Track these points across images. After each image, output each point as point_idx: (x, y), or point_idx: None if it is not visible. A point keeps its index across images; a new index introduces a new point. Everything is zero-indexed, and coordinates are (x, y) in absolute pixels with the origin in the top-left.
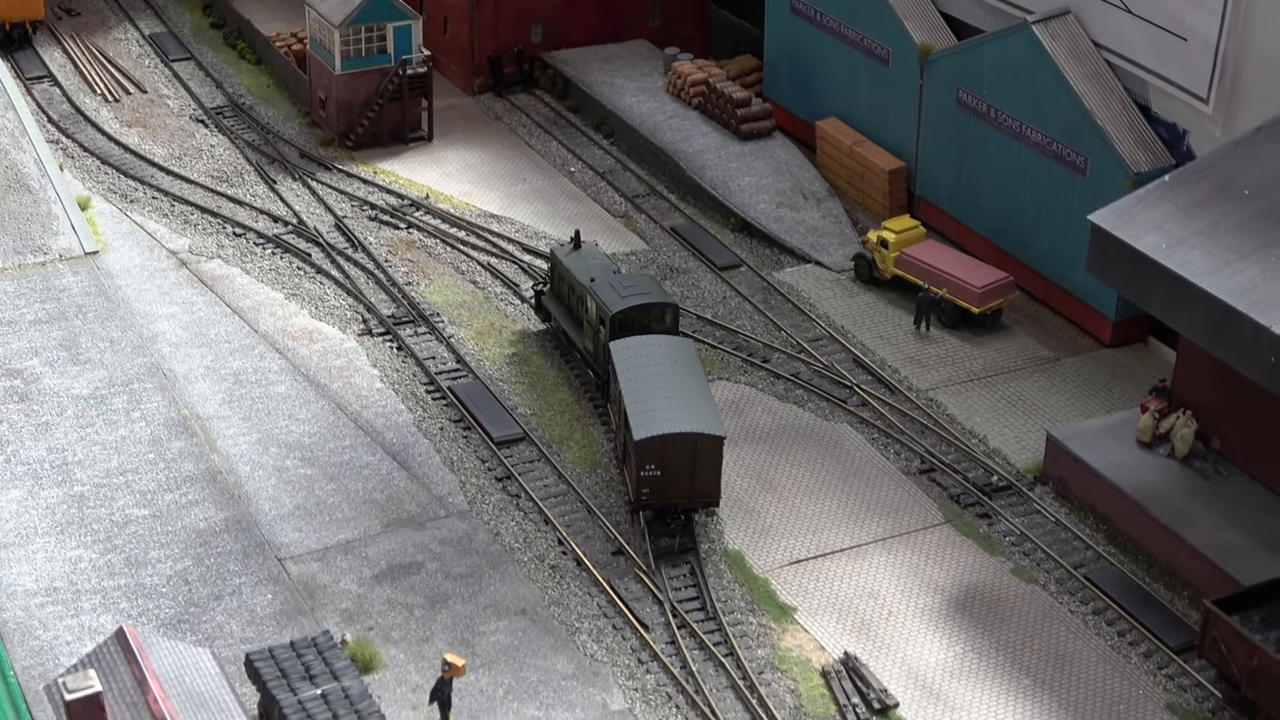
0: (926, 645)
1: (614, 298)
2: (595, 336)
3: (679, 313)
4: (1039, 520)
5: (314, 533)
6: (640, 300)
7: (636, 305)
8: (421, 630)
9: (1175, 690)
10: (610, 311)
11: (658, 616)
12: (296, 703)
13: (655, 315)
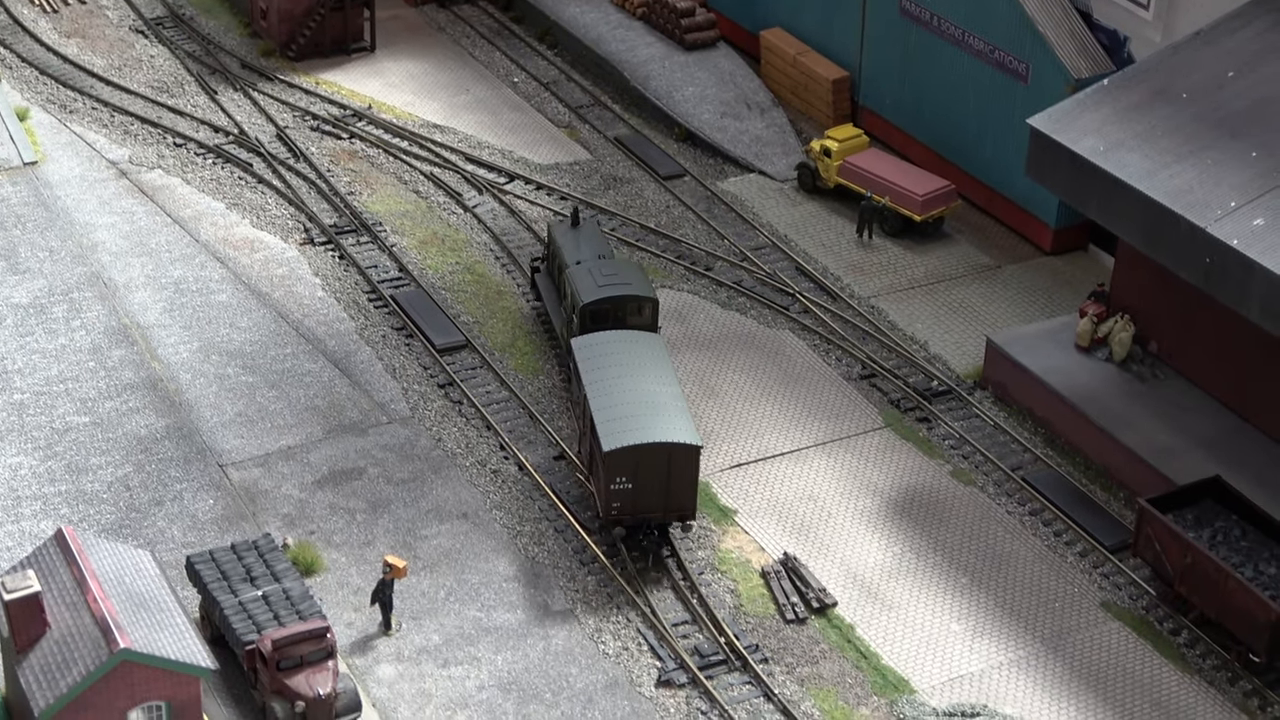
0: (865, 546)
1: (589, 286)
2: (568, 325)
3: (658, 308)
4: (978, 424)
5: (255, 439)
6: (616, 291)
7: (611, 297)
8: (363, 534)
9: (1110, 588)
10: (581, 301)
11: (598, 519)
12: (237, 604)
13: (631, 309)
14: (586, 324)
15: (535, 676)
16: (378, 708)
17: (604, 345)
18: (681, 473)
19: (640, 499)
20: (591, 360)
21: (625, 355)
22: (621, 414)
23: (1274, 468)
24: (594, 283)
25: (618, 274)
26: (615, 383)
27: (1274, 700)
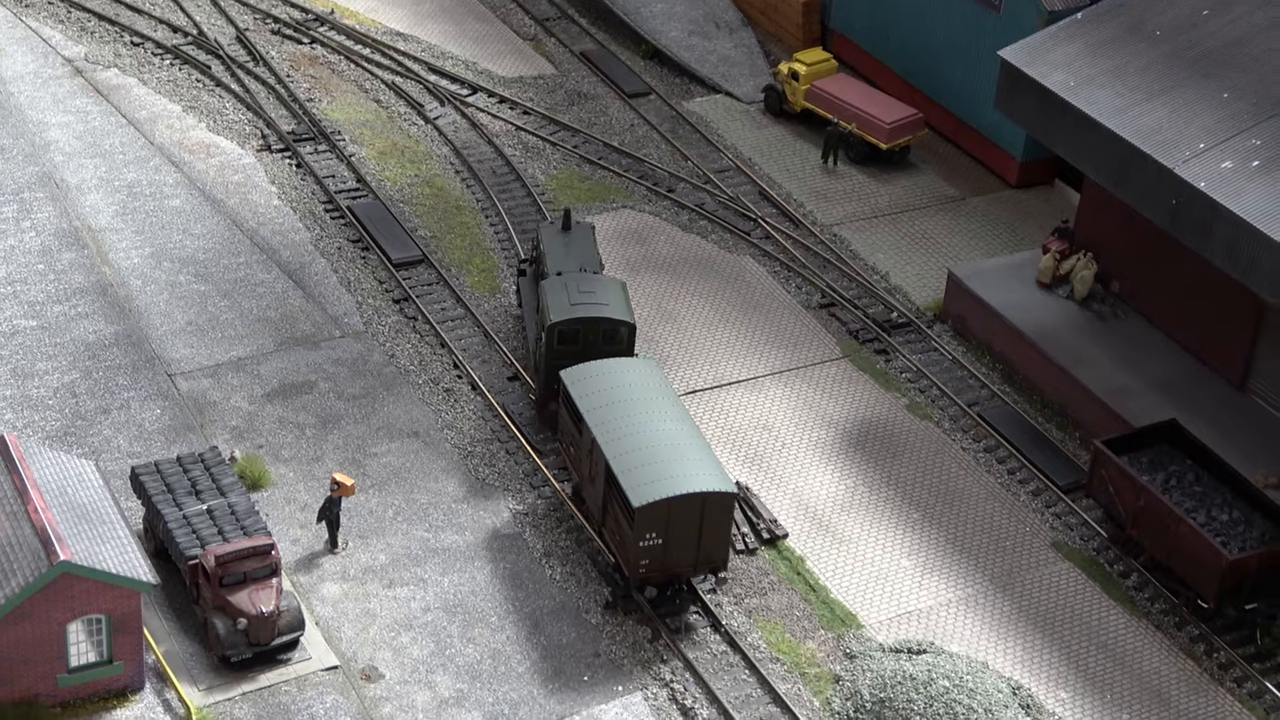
0: (818, 478)
1: (560, 303)
2: (537, 342)
3: (635, 333)
4: (936, 358)
5: (205, 349)
6: (589, 313)
7: (583, 318)
8: (312, 450)
9: (1062, 528)
10: (550, 319)
11: (550, 443)
12: (181, 517)
13: (605, 333)
14: (554, 345)
15: (482, 599)
16: (321, 627)
17: (600, 378)
18: (715, 523)
19: (670, 555)
20: (591, 396)
21: (627, 388)
22: (642, 461)
23: (1230, 413)
24: (566, 300)
25: (595, 292)
26: (625, 422)
27: (1220, 646)
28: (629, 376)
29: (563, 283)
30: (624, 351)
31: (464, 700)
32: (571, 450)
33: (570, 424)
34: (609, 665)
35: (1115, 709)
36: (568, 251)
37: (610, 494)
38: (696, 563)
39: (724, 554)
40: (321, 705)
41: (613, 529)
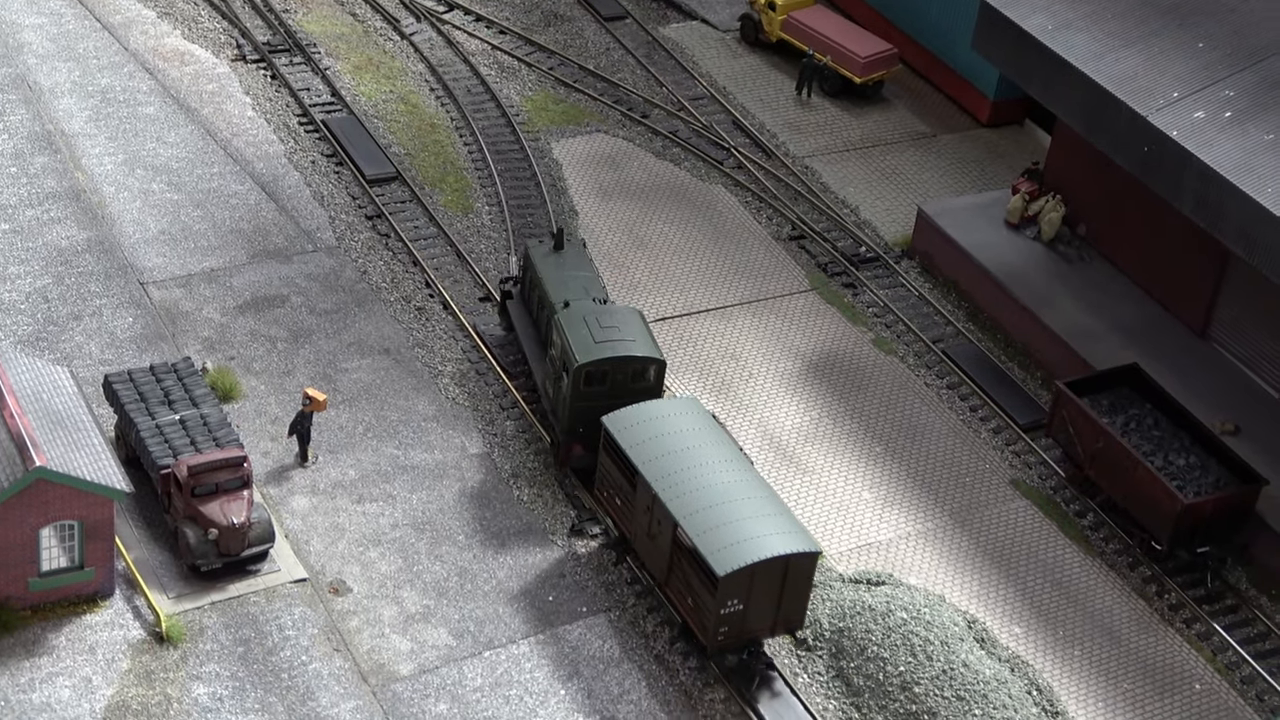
0: (784, 408)
1: (584, 341)
2: (556, 383)
3: (664, 370)
4: (903, 293)
5: (178, 259)
6: (618, 351)
7: (611, 358)
8: (283, 363)
9: (1021, 466)
10: (576, 362)
11: (521, 364)
12: (154, 426)
13: (635, 371)
14: (580, 386)
15: (449, 518)
16: (290, 539)
17: (648, 424)
18: (797, 583)
19: (750, 619)
20: (642, 446)
21: (679, 436)
22: (717, 521)
23: (1191, 359)
24: (590, 337)
25: (618, 327)
26: (687, 476)
27: (1172, 588)
28: (678, 422)
29: (580, 317)
30: (652, 389)
31: (430, 616)
32: (618, 501)
33: (616, 474)
34: (574, 586)
35: (1067, 645)
36: (567, 276)
37: (679, 555)
38: (775, 625)
39: (802, 614)
40: (289, 617)
41: (680, 590)
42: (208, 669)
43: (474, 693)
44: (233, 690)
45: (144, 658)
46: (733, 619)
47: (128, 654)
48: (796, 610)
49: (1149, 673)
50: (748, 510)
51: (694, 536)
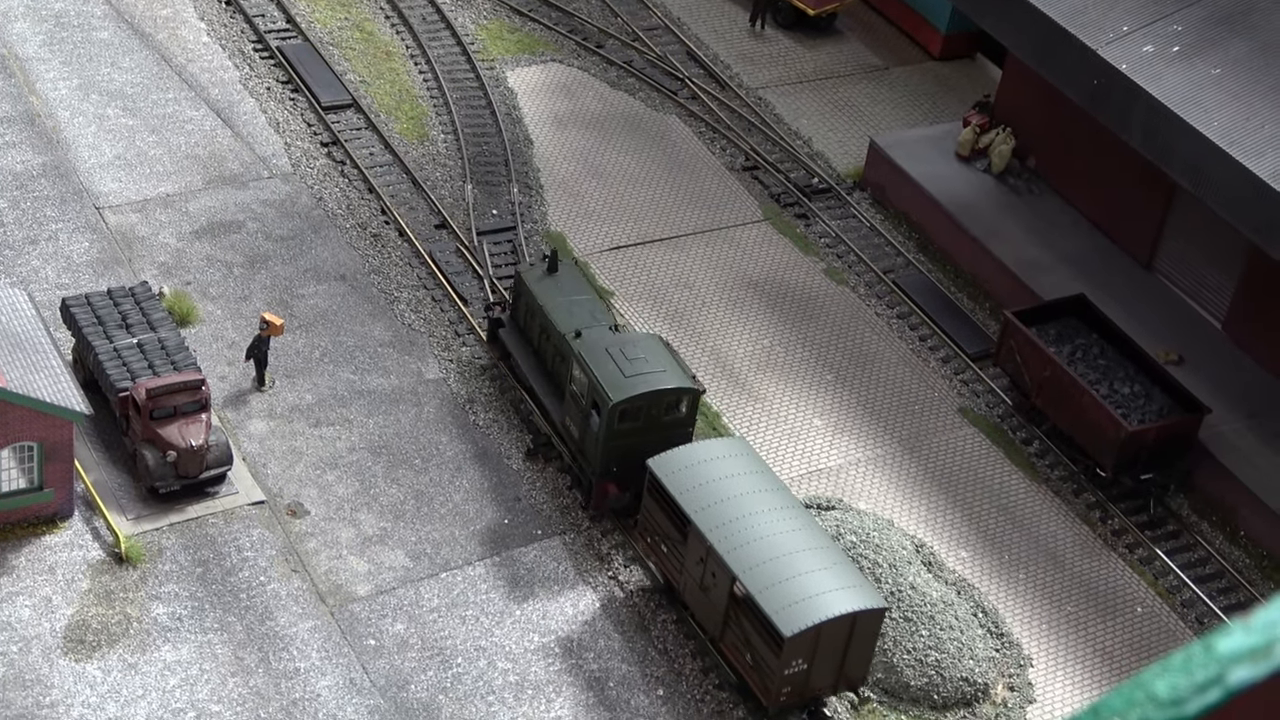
0: (736, 336)
1: (614, 376)
2: (584, 421)
3: (699, 399)
4: (855, 224)
5: (133, 184)
6: (653, 385)
7: (647, 394)
8: (240, 288)
9: (969, 395)
10: (611, 400)
11: (477, 291)
12: (112, 350)
13: (669, 404)
14: (614, 425)
15: (406, 442)
16: (248, 462)
17: (697, 468)
18: (863, 640)
19: (813, 678)
20: (693, 493)
21: (730, 481)
22: (779, 577)
23: (1137, 290)
24: (619, 372)
25: (645, 357)
26: (743, 526)
27: (1115, 514)
28: (728, 466)
29: (602, 350)
30: (685, 420)
31: (387, 538)
32: (664, 549)
33: (664, 520)
34: (529, 510)
35: (1012, 568)
36: (570, 302)
37: (738, 611)
38: (837, 682)
39: (866, 670)
40: (248, 538)
41: (736, 646)
42: (167, 589)
43: (430, 613)
44: (191, 610)
45: (103, 578)
46: (796, 679)
47: (87, 574)
48: (860, 666)
49: (1092, 596)
50: (810, 563)
51: (757, 594)
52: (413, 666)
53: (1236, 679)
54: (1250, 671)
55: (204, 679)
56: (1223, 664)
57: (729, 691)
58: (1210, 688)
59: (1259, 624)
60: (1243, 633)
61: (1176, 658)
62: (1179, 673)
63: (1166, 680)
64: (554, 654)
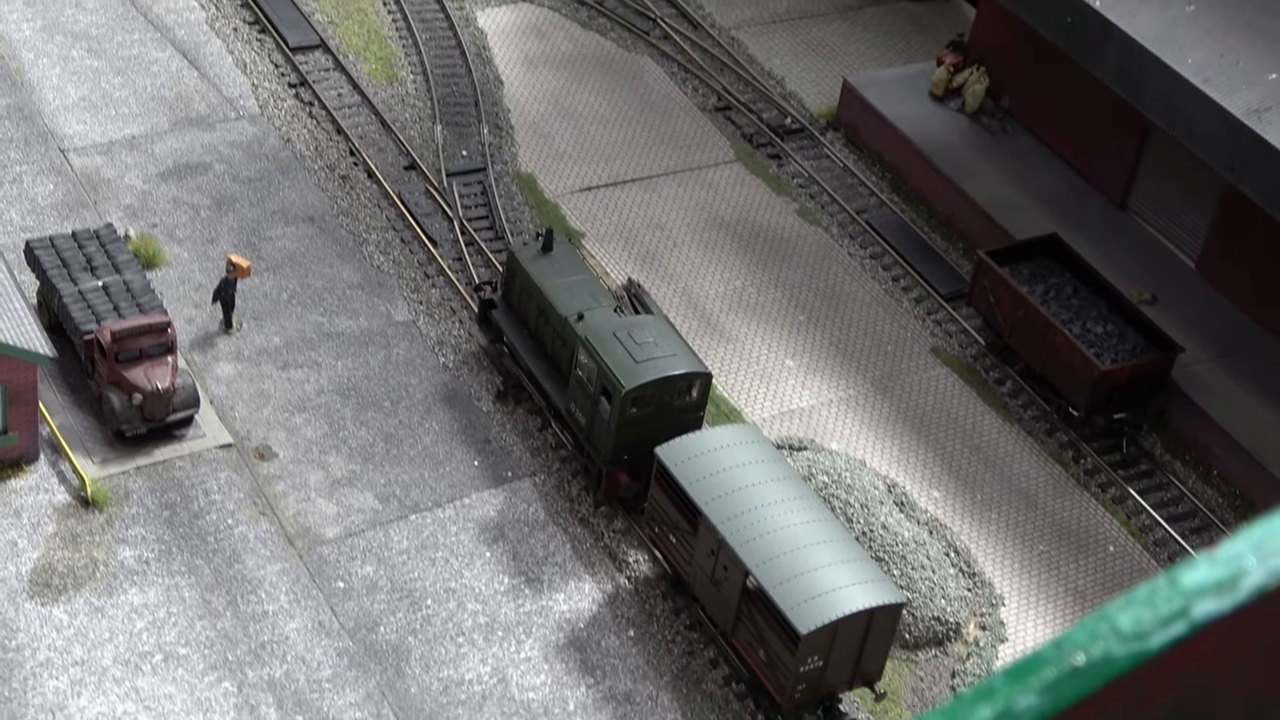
0: (708, 277)
1: (625, 362)
2: (592, 408)
3: (710, 383)
4: (828, 164)
5: (99, 126)
6: (664, 370)
7: (658, 380)
8: (206, 231)
9: (942, 335)
10: (623, 388)
11: (446, 233)
12: (77, 292)
13: (679, 389)
14: (627, 412)
15: (374, 384)
16: (215, 405)
17: (707, 457)
18: (879, 636)
19: (829, 675)
20: (703, 483)
21: (741, 470)
22: (794, 571)
23: (1110, 229)
24: (629, 357)
25: (655, 341)
26: (756, 518)
27: (1088, 453)
28: (738, 454)
29: (609, 334)
30: (697, 404)
31: (356, 481)
32: (673, 539)
33: (672, 511)
34: (499, 451)
35: (984, 508)
36: (569, 283)
37: (750, 606)
38: (853, 678)
39: (882, 665)
40: (215, 481)
41: (749, 642)
42: (133, 532)
43: (400, 555)
44: (159, 553)
45: (69, 521)
46: (811, 676)
47: (53, 518)
48: (876, 661)
49: (1064, 535)
50: (825, 557)
51: (770, 589)
52: (382, 609)
53: (1201, 612)
54: (1215, 605)
55: (171, 622)
56: (1188, 597)
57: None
58: (1175, 621)
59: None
60: (1208, 566)
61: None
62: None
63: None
64: (524, 595)
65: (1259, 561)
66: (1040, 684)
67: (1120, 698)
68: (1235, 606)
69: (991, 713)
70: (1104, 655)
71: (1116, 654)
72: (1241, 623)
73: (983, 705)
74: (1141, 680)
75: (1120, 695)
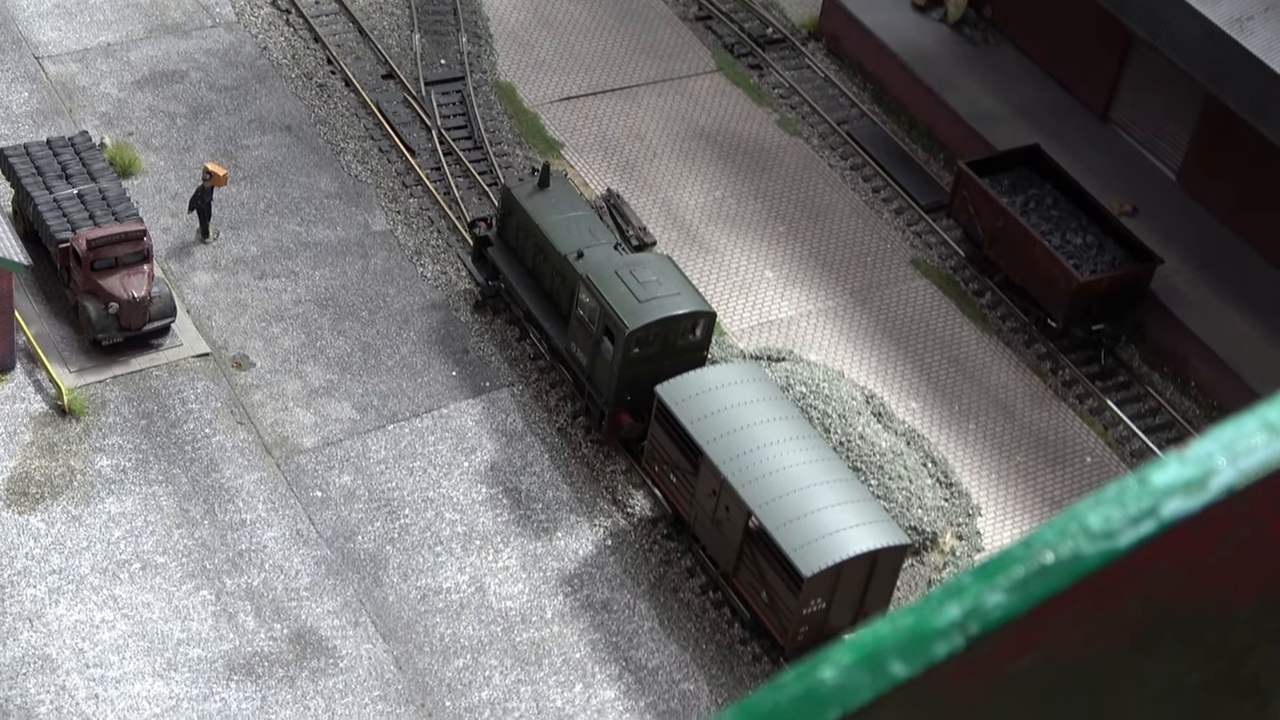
0: (688, 188)
1: (628, 302)
2: (594, 348)
3: (714, 322)
4: (809, 75)
5: (74, 33)
6: (669, 310)
7: (663, 319)
8: (183, 139)
9: (921, 247)
10: (627, 328)
11: (424, 142)
12: (51, 200)
13: (683, 329)
14: (630, 352)
15: (352, 294)
16: (192, 315)
17: (708, 395)
18: (883, 578)
19: (832, 617)
20: (704, 422)
21: (743, 409)
22: (797, 512)
23: (1090, 141)
24: (633, 297)
25: (658, 280)
26: (758, 457)
27: (1066, 364)
28: (740, 393)
29: (611, 273)
30: (701, 343)
31: (333, 390)
32: (673, 479)
33: (673, 450)
34: (477, 362)
35: (962, 419)
36: (567, 220)
37: (753, 547)
38: (856, 619)
39: (886, 608)
40: (192, 390)
41: (751, 583)
42: (110, 441)
43: (378, 465)
44: (136, 462)
45: (46, 430)
46: (814, 618)
47: (30, 427)
48: (880, 603)
49: (1041, 446)
50: (829, 498)
51: (774, 531)
52: (360, 518)
53: (1170, 511)
54: (1185, 504)
55: (149, 531)
56: (1157, 496)
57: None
58: (1144, 520)
59: (1194, 456)
60: (1178, 465)
61: (1110, 490)
62: (1112, 505)
63: (1100, 512)
64: (502, 505)
65: (1228, 461)
66: (1009, 582)
67: (1089, 597)
68: (1204, 505)
69: (960, 611)
70: (1073, 554)
71: (1085, 552)
72: (1210, 523)
73: (952, 603)
74: (1110, 579)
75: (1089, 594)
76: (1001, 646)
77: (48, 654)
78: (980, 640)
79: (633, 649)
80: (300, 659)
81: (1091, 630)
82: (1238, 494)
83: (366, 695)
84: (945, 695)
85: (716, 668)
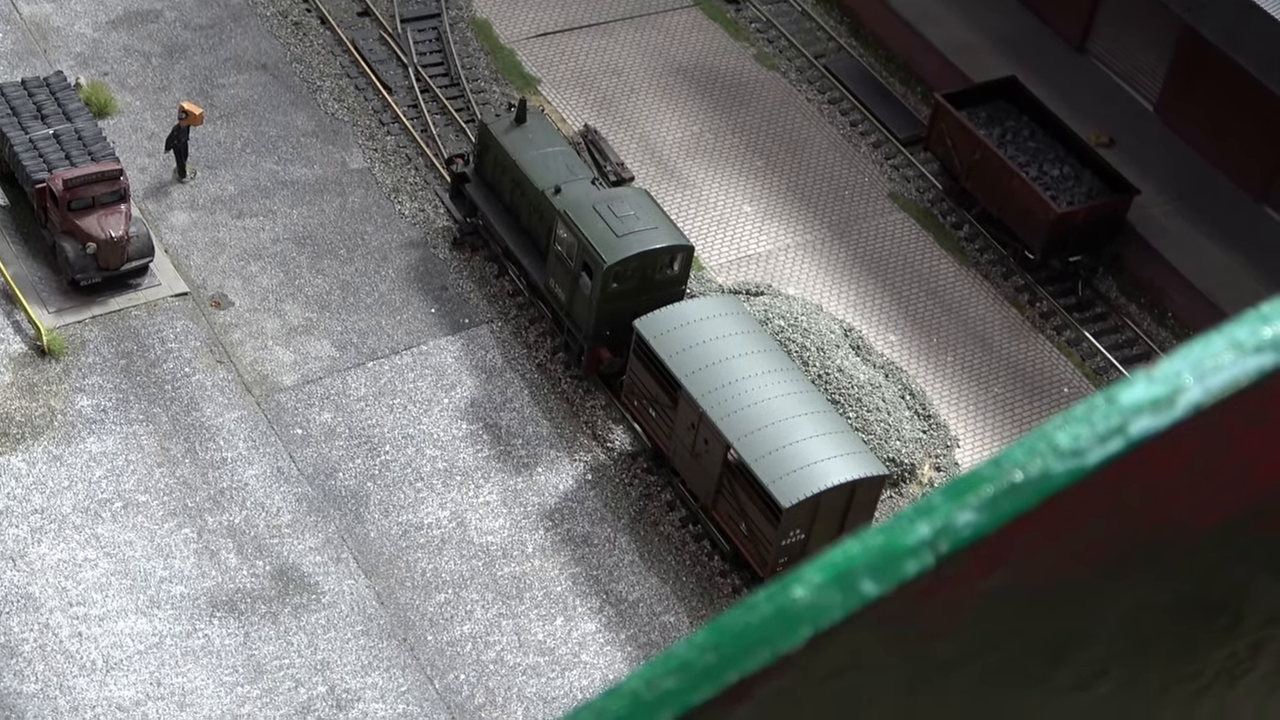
0: (665, 123)
1: (605, 237)
2: (572, 283)
3: (691, 255)
4: (786, 9)
5: None
6: (646, 245)
7: (641, 254)
8: (158, 79)
9: (899, 180)
10: (605, 263)
11: (401, 79)
12: (27, 141)
13: (661, 263)
14: (609, 287)
15: (330, 232)
16: (170, 254)
17: (686, 329)
18: (862, 509)
19: (811, 548)
20: (682, 356)
21: (721, 343)
22: (775, 444)
23: (1067, 72)
24: (610, 231)
25: (635, 214)
26: (736, 390)
27: (1043, 296)
28: (718, 326)
29: (589, 208)
30: (678, 280)
31: (312, 329)
32: (652, 413)
33: (651, 384)
34: (456, 299)
35: (940, 351)
36: (545, 155)
37: (732, 480)
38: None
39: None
40: (171, 330)
41: (730, 515)
42: (90, 381)
43: (358, 402)
44: (116, 402)
45: (25, 371)
46: (793, 549)
47: (9, 368)
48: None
49: (1019, 377)
50: (807, 429)
51: (752, 464)
52: (340, 455)
53: (1139, 429)
54: (1152, 422)
55: (130, 470)
56: (1125, 415)
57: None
58: (1112, 438)
59: (1163, 374)
60: (1146, 383)
61: (1079, 408)
62: (1081, 423)
63: (1068, 430)
64: (482, 441)
65: (1196, 380)
66: (978, 501)
67: (1058, 515)
68: (1172, 424)
69: (930, 529)
70: (1042, 472)
71: (1054, 470)
72: (1178, 441)
73: (922, 522)
74: (1079, 497)
75: (1058, 513)
76: (972, 565)
77: (30, 593)
78: (950, 558)
79: (613, 582)
80: (282, 595)
81: (1061, 549)
82: (1205, 412)
83: (349, 630)
84: (917, 613)
85: (697, 600)
